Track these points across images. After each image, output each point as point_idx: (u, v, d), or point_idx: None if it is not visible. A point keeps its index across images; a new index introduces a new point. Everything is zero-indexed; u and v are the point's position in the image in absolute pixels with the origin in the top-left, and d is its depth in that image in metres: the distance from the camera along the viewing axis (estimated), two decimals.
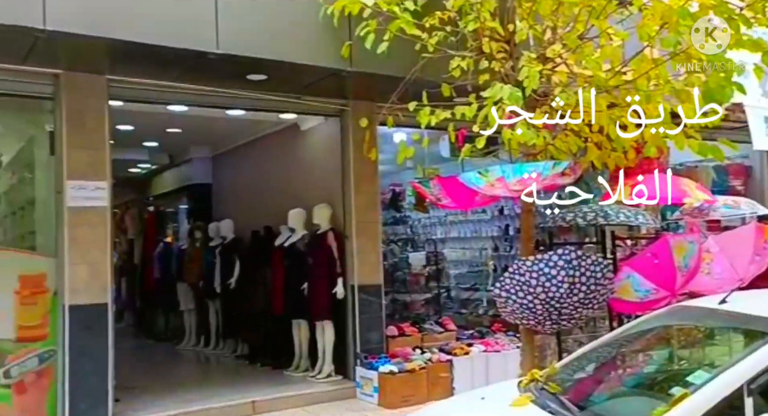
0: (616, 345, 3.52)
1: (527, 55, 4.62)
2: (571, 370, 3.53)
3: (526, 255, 4.93)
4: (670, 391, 2.66)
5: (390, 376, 6.33)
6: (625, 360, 3.39)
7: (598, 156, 5.54)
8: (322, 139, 7.65)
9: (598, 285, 4.66)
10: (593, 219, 5.20)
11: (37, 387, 5.41)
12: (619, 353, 3.46)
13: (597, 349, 3.62)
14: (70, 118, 5.49)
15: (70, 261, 5.41)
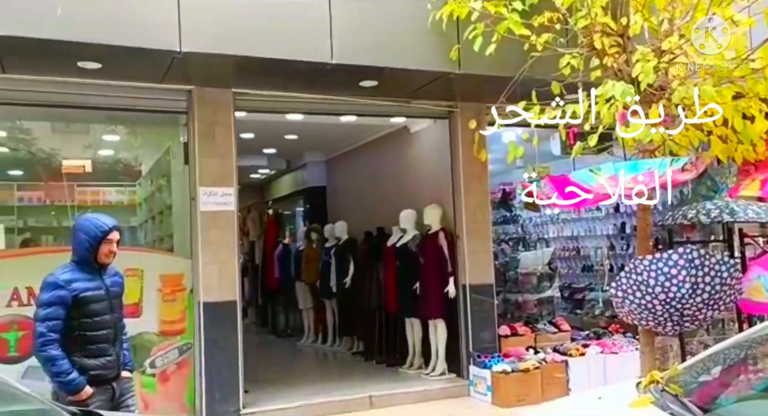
0: (744, 347, 3.38)
1: (642, 50, 4.52)
2: (695, 372, 3.43)
3: (644, 254, 4.81)
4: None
5: (503, 375, 6.36)
6: (755, 363, 3.25)
7: (722, 149, 5.30)
8: (432, 141, 7.78)
9: (724, 286, 4.47)
10: (717, 217, 4.97)
11: (178, 377, 5.93)
12: (748, 355, 3.32)
13: (724, 351, 3.49)
14: (201, 130, 5.97)
15: (203, 262, 5.88)
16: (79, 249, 3.64)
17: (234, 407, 5.87)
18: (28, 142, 6.70)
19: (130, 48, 4.80)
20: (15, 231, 6.63)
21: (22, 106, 5.77)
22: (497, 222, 11.09)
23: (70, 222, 6.26)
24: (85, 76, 5.41)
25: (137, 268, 5.87)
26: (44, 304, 3.46)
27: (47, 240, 6.63)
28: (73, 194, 6.47)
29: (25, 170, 6.87)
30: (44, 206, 6.74)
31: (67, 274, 3.56)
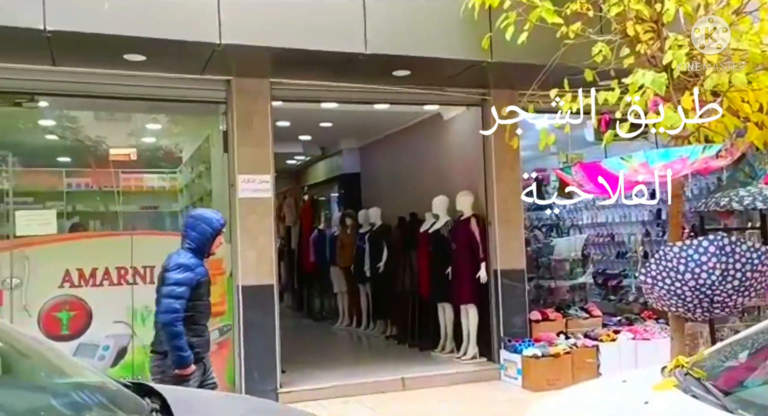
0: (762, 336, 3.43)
1: (674, 37, 4.52)
2: (722, 357, 3.49)
3: (675, 240, 4.85)
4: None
5: (533, 360, 6.46)
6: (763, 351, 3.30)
7: (759, 136, 5.26)
8: (464, 128, 7.85)
9: (755, 273, 4.48)
10: (750, 204, 4.96)
11: (218, 357, 6.17)
12: (762, 343, 3.38)
13: (752, 336, 3.54)
14: (240, 119, 6.16)
15: (242, 247, 6.11)
16: (201, 239, 4.00)
17: (272, 386, 6.11)
18: (75, 130, 6.99)
19: (172, 41, 5.00)
20: (64, 216, 6.94)
21: (71, 97, 6.04)
22: (531, 209, 11.10)
23: (116, 207, 6.55)
24: (131, 67, 5.64)
25: None
26: (177, 283, 3.80)
27: (94, 225, 6.91)
28: (118, 180, 6.72)
29: (73, 157, 7.16)
30: (91, 192, 7.00)
31: (192, 259, 3.93)
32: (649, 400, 3.03)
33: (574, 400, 3.55)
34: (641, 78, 4.21)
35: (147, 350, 5.76)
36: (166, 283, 3.84)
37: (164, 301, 3.80)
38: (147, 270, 5.98)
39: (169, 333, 3.75)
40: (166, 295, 3.80)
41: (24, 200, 6.40)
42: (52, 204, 6.70)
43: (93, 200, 6.90)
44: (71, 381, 2.57)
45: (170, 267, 3.89)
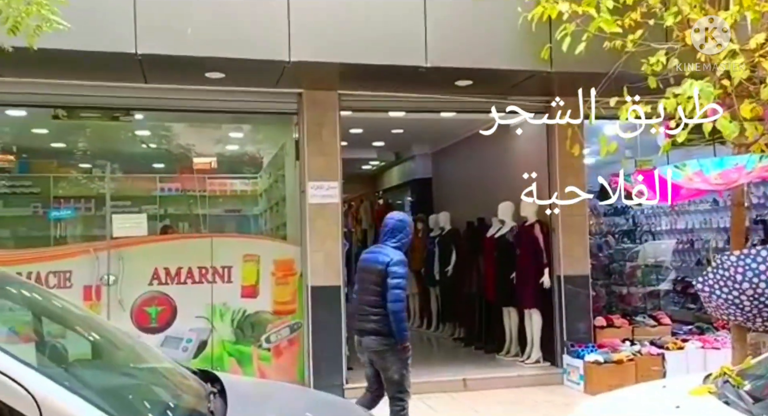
0: None
1: (729, 46, 4.51)
2: (762, 367, 3.52)
3: (737, 249, 4.81)
4: None
5: (595, 366, 6.49)
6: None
7: None
8: (530, 135, 7.94)
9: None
10: None
11: (289, 352, 6.62)
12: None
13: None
14: (310, 129, 6.57)
15: (311, 249, 6.50)
16: (406, 240, 4.63)
17: (338, 381, 6.46)
18: (166, 140, 7.64)
19: (247, 60, 5.46)
20: (156, 219, 7.57)
21: (162, 111, 6.65)
22: (607, 214, 10.99)
23: (200, 210, 7.11)
24: (212, 84, 6.15)
25: (255, 254, 6.60)
26: (402, 277, 4.42)
27: (183, 227, 7.50)
28: (203, 184, 7.28)
29: (164, 164, 7.80)
30: (180, 196, 7.61)
31: (403, 256, 4.54)
32: (681, 404, 3.13)
33: (616, 402, 3.67)
34: (689, 88, 4.24)
35: (225, 343, 6.31)
36: (394, 277, 4.37)
37: (394, 292, 4.35)
38: (225, 270, 6.48)
39: (399, 318, 4.35)
40: (395, 287, 4.35)
41: (122, 204, 7.07)
42: (146, 207, 7.32)
43: (181, 204, 7.47)
44: (148, 366, 2.98)
45: (393, 263, 4.39)
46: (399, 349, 4.45)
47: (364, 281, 4.57)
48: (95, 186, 7.28)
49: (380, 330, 4.40)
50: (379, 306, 4.38)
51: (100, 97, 6.31)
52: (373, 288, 4.42)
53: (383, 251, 4.50)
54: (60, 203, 7.30)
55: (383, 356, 4.45)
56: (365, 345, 4.54)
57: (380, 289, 4.37)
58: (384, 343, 4.42)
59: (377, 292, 4.39)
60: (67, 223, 7.29)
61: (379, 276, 4.39)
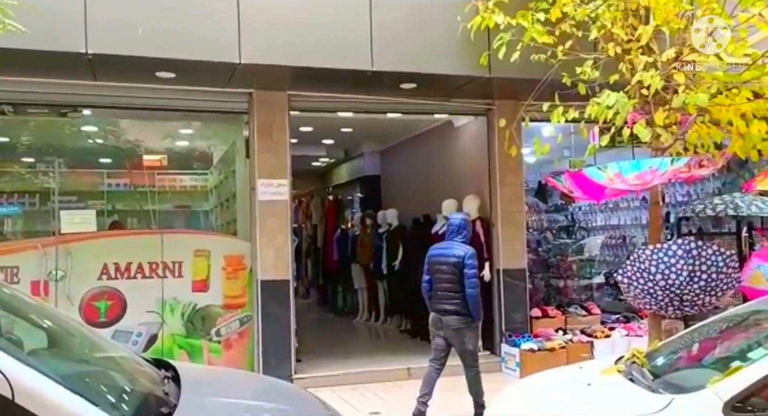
0: (715, 327, 3.87)
1: (645, 59, 4.94)
2: (671, 349, 3.95)
3: (655, 244, 5.27)
4: (730, 365, 3.06)
5: (530, 353, 6.92)
6: (715, 342, 3.73)
7: (741, 146, 5.63)
8: (472, 135, 8.34)
9: (720, 274, 4.89)
10: (722, 211, 5.34)
11: (239, 345, 6.81)
12: (714, 335, 3.81)
13: (698, 330, 4.00)
14: (260, 128, 6.77)
15: (261, 245, 6.71)
16: (469, 235, 5.64)
17: (287, 372, 6.69)
18: (115, 136, 7.65)
19: (197, 61, 5.62)
20: (105, 214, 7.58)
21: (111, 109, 6.74)
22: (549, 211, 11.52)
23: (149, 205, 7.19)
24: (162, 83, 6.28)
25: (205, 249, 6.76)
26: (475, 267, 5.37)
27: (132, 223, 7.55)
28: (153, 180, 7.34)
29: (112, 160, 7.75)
30: (129, 192, 7.61)
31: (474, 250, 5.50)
32: (592, 382, 3.52)
33: (537, 382, 4.05)
34: (606, 99, 4.65)
35: (175, 336, 6.47)
36: (470, 268, 5.29)
37: (471, 280, 5.27)
38: (176, 265, 6.63)
39: (475, 301, 5.30)
40: (471, 276, 5.28)
41: (69, 200, 7.09)
42: (93, 203, 7.36)
43: (130, 199, 7.50)
44: (105, 355, 3.18)
45: (468, 256, 5.33)
46: (474, 326, 5.42)
47: (439, 271, 5.45)
48: (40, 181, 7.28)
49: (459, 310, 5.32)
50: (457, 291, 5.30)
51: (48, 94, 6.36)
52: (450, 277, 5.34)
53: (454, 246, 5.43)
54: (5, 199, 7.27)
55: (461, 332, 5.37)
56: (446, 323, 5.42)
57: (457, 277, 5.29)
58: (462, 321, 5.34)
59: (454, 280, 5.31)
60: (13, 219, 7.29)
61: (455, 266, 5.31)
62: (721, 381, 2.91)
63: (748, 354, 3.12)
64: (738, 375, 2.89)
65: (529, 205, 11.50)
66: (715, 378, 2.95)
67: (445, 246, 5.58)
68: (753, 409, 2.81)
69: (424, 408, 5.53)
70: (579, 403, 3.26)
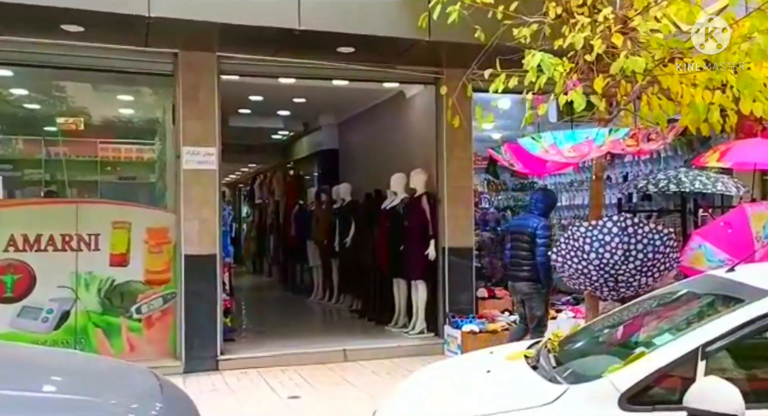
0: (633, 310, 3.51)
1: (581, 20, 4.54)
2: (589, 332, 3.59)
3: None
4: (634, 351, 2.70)
5: (471, 335, 6.58)
6: (629, 325, 3.38)
7: (692, 120, 5.25)
8: (423, 106, 7.91)
9: (657, 254, 4.54)
10: (665, 187, 4.98)
11: (162, 323, 6.40)
12: (628, 318, 3.45)
13: (618, 313, 3.64)
14: (186, 92, 6.30)
15: (185, 217, 6.28)
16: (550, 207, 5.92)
17: (211, 353, 6.31)
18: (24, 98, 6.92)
19: (102, 12, 5.13)
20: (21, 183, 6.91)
21: (16, 66, 6.21)
22: (515, 189, 11.16)
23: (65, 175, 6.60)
24: (73, 38, 5.77)
25: (125, 221, 6.32)
26: (547, 237, 5.54)
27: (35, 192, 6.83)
28: (67, 149, 6.66)
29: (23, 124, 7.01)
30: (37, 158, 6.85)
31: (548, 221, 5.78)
32: (492, 369, 3.15)
33: (443, 366, 3.69)
34: (532, 60, 4.25)
35: (90, 313, 6.06)
36: (540, 237, 5.51)
37: (541, 249, 5.45)
38: (92, 237, 6.19)
39: (547, 267, 5.40)
40: (542, 245, 5.47)
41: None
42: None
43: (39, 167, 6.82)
44: None
45: (540, 227, 5.54)
46: (543, 292, 5.66)
47: (516, 240, 5.73)
48: None
49: (530, 277, 5.60)
50: (529, 260, 5.57)
51: None
52: (524, 246, 5.61)
53: (532, 218, 5.69)
54: None
55: (531, 297, 5.63)
56: (518, 289, 5.74)
57: (530, 246, 5.56)
58: (533, 287, 5.61)
59: (527, 248, 5.58)
60: None
61: (529, 236, 5.57)
62: (620, 369, 2.55)
63: (654, 340, 2.75)
64: (638, 363, 2.52)
65: (495, 183, 11.23)
66: (615, 366, 2.58)
67: (524, 217, 6.01)
68: (652, 402, 2.45)
69: None
70: (467, 394, 2.89)
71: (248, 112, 10.65)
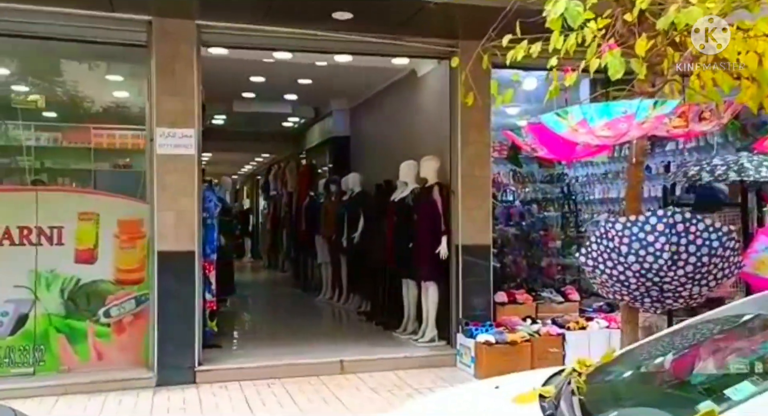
0: (686, 336, 2.61)
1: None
2: (628, 363, 2.71)
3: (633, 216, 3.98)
4: (697, 406, 1.81)
5: (486, 347, 5.70)
6: (683, 357, 2.48)
7: (753, 95, 4.29)
8: (436, 86, 7.02)
9: (713, 257, 3.60)
10: (723, 175, 4.03)
11: (135, 329, 5.66)
12: (681, 346, 2.55)
13: (666, 338, 2.74)
14: (161, 65, 5.53)
15: (159, 208, 5.52)
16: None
17: (188, 363, 5.55)
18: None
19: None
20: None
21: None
22: (543, 181, 10.22)
23: (24, 160, 5.84)
24: (36, 2, 5.04)
25: (93, 212, 5.59)
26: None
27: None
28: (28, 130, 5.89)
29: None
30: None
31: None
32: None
33: (436, 405, 2.83)
34: (555, 6, 3.34)
35: (52, 317, 5.34)
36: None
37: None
38: (54, 230, 5.47)
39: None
40: None
41: None
42: None
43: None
44: None
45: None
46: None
47: None
48: None
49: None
50: None
51: None
52: None
53: None
54: None
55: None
56: None
57: None
58: None
59: None
60: None
61: None
62: None
63: (726, 391, 1.86)
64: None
65: (522, 175, 10.28)
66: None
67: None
68: None
69: None
70: None
71: (252, 95, 9.89)
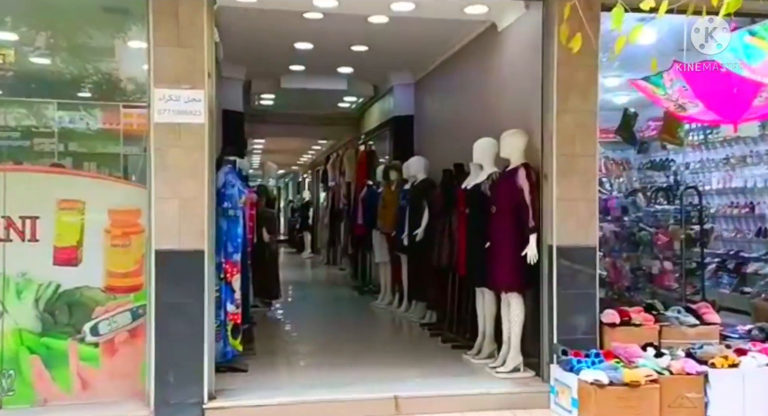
0: None
1: None
2: None
3: None
4: None
5: (596, 388, 4.10)
6: None
7: None
8: (522, 40, 5.42)
9: None
10: None
11: (131, 349, 4.38)
12: None
13: None
14: (159, 6, 4.21)
15: (157, 194, 4.22)
16: None
17: (194, 397, 4.21)
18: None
19: None
20: None
21: None
22: (644, 167, 8.51)
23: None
24: None
25: (77, 199, 4.34)
26: None
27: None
28: None
29: None
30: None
31: None
32: None
33: None
34: None
35: (23, 334, 4.17)
36: None
37: None
38: (27, 222, 4.24)
39: None
40: None
41: None
42: None
43: None
44: None
45: None
46: None
47: None
48: None
49: None
50: None
51: None
52: None
53: None
54: None
55: None
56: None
57: None
58: None
59: None
60: None
61: None
62: None
63: None
64: None
65: (614, 160, 8.58)
66: None
67: None
68: None
69: None
70: None
71: (301, 68, 8.56)
